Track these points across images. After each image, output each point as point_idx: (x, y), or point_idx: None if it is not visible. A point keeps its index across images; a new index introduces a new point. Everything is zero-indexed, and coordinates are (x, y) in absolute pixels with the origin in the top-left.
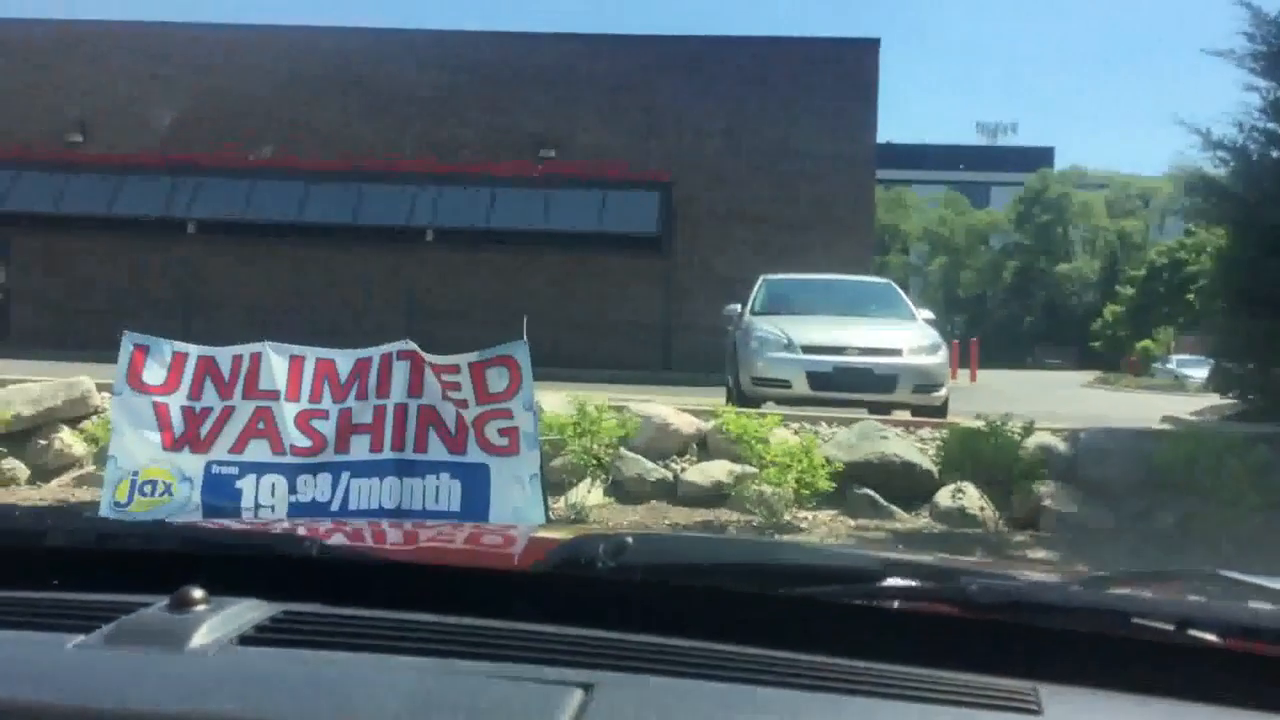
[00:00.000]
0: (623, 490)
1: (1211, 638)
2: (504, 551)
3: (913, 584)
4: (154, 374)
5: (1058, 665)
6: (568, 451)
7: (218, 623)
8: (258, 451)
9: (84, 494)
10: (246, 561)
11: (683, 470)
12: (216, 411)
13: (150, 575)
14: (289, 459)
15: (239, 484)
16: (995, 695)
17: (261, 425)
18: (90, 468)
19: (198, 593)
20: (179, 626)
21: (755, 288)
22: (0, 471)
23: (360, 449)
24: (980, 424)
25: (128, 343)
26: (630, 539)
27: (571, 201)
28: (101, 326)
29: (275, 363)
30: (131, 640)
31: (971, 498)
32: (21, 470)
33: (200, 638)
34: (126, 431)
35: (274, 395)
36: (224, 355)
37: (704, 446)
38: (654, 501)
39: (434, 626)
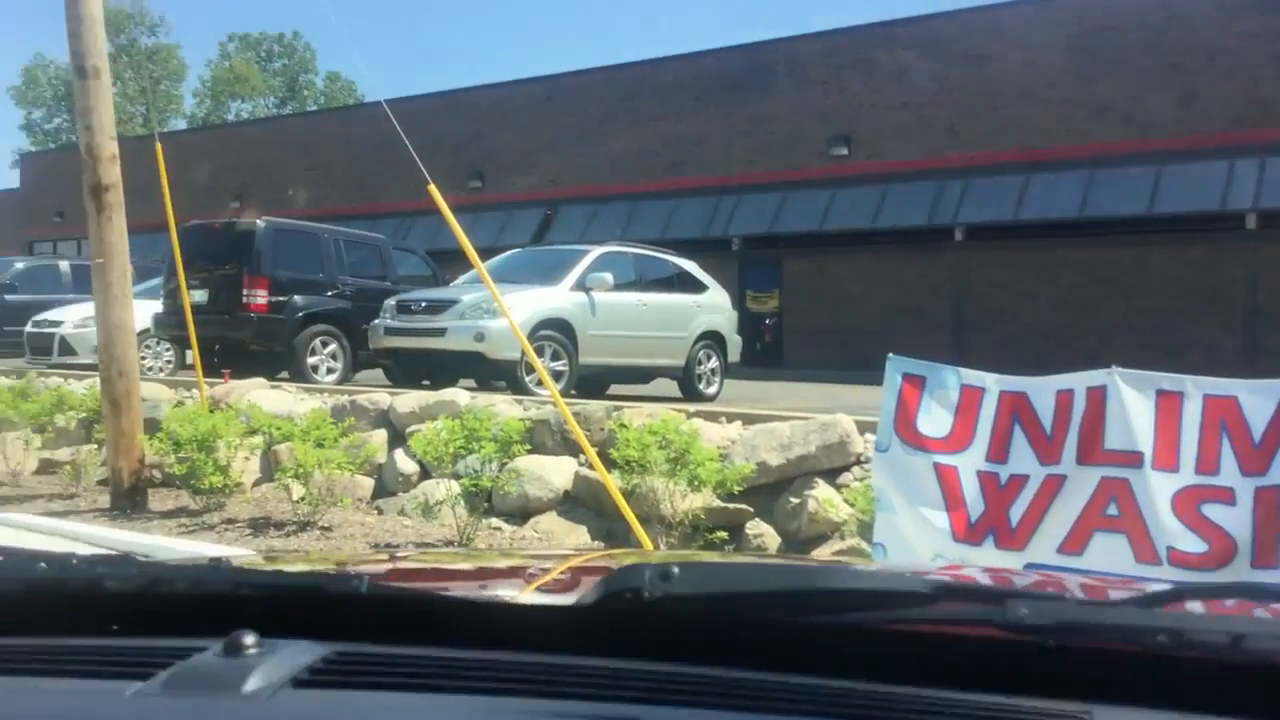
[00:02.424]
0: None
1: (1267, 654)
2: (551, 584)
3: (962, 607)
4: (935, 420)
5: (1111, 686)
6: None
7: (271, 666)
8: (1110, 554)
9: None
10: (296, 602)
11: None
12: (1035, 483)
13: (204, 618)
14: (1167, 570)
15: None
16: (1049, 718)
17: (1114, 510)
18: (853, 540)
19: (249, 637)
20: (233, 671)
21: None
22: (745, 539)
23: None
24: None
25: (895, 371)
26: (676, 568)
27: None
28: (866, 348)
29: (1132, 404)
30: (188, 686)
31: None
32: (770, 536)
33: (254, 682)
34: (897, 506)
35: (1133, 460)
36: (1042, 390)
37: None
38: None
39: (483, 664)
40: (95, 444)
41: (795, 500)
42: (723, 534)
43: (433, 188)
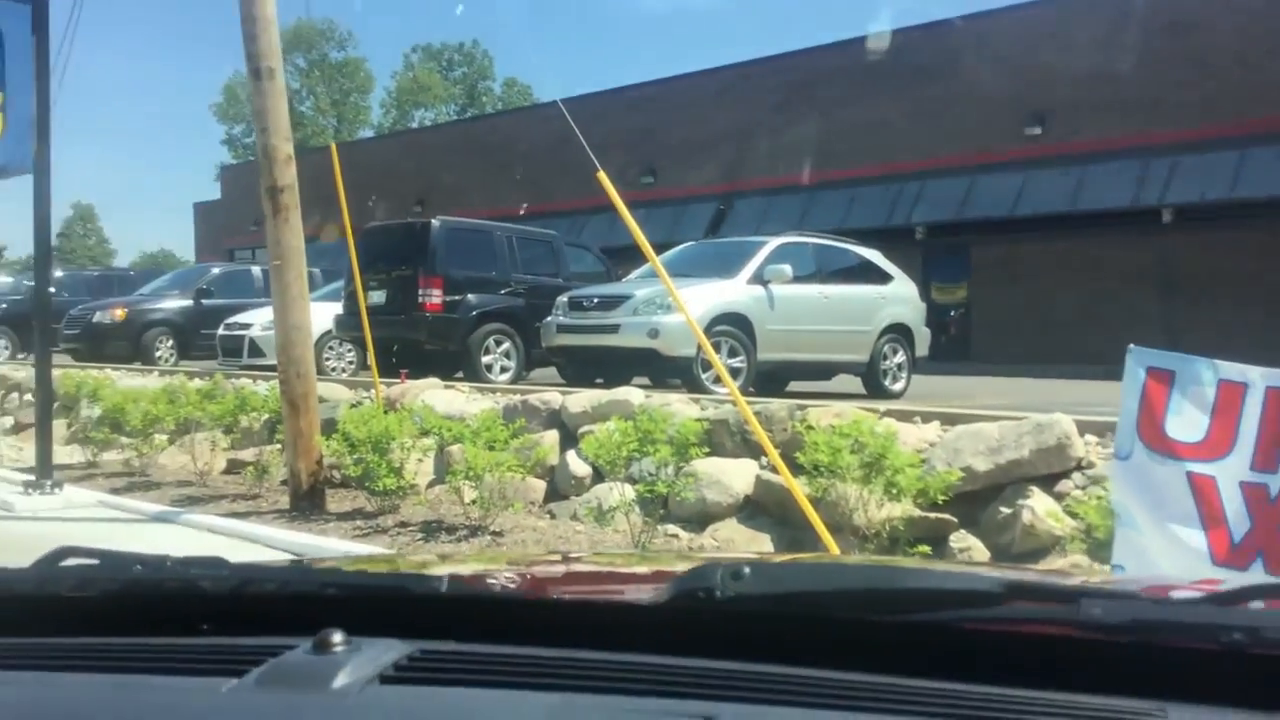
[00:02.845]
0: None
1: None
2: (625, 584)
3: (1034, 606)
4: (1187, 421)
5: (1186, 684)
6: None
7: (358, 663)
8: None
9: None
10: (381, 602)
11: None
12: None
13: (292, 618)
14: None
15: None
16: (1122, 716)
17: None
18: (1077, 557)
19: (337, 635)
20: (323, 668)
21: None
22: (949, 553)
23: None
24: None
25: (1137, 364)
26: (747, 568)
27: None
28: (1062, 340)
29: None
30: (280, 682)
31: None
32: (978, 550)
33: (343, 678)
34: (1141, 522)
35: None
36: None
37: None
38: None
39: (560, 661)
40: (278, 444)
41: (1006, 510)
42: (925, 547)
43: (602, 174)
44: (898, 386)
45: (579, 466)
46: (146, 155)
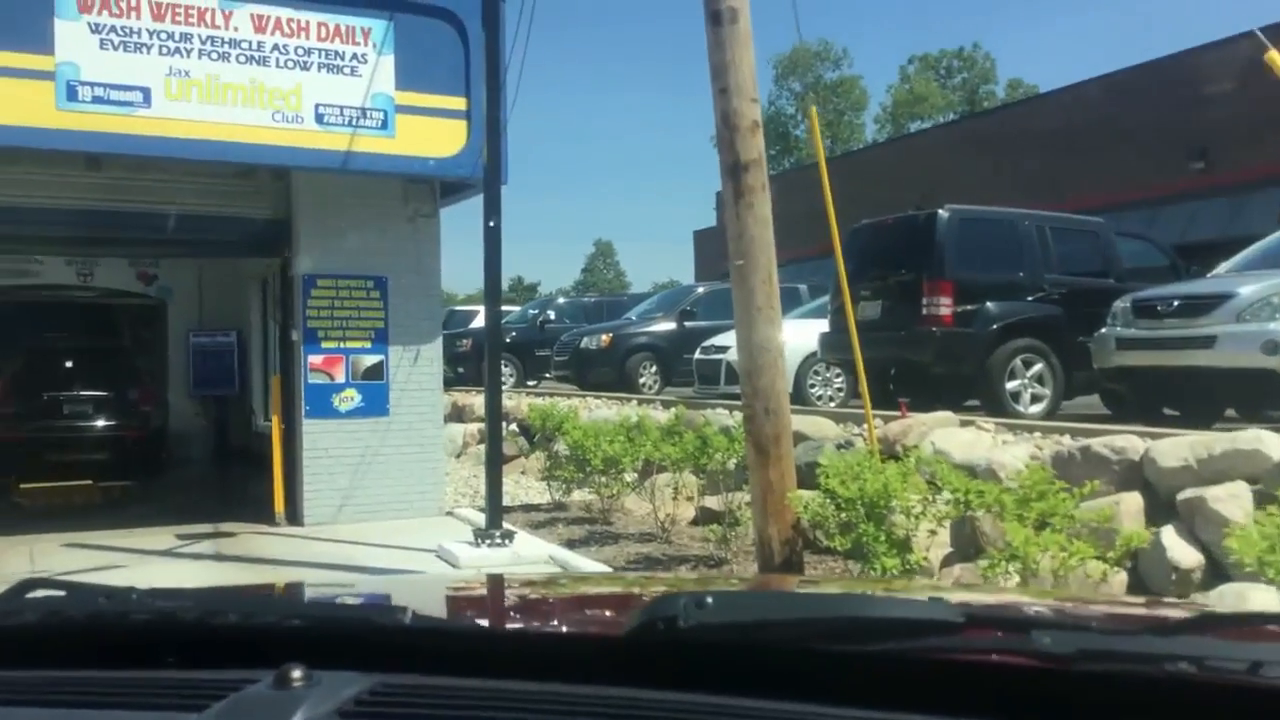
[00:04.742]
0: None
1: None
2: (593, 615)
3: (988, 636)
4: None
5: (1134, 713)
6: None
7: (317, 698)
8: None
9: None
10: (343, 634)
11: None
12: None
13: (257, 650)
14: None
15: None
16: None
17: None
18: None
19: (297, 671)
20: (282, 703)
21: None
22: None
23: None
24: None
25: None
26: (710, 597)
27: None
28: None
29: None
30: (240, 718)
31: None
32: None
33: (301, 714)
34: None
35: None
36: None
37: None
38: None
39: (522, 694)
40: (749, 491)
41: None
42: None
43: (1274, 54)
44: None
45: (1183, 553)
46: (655, 190)
